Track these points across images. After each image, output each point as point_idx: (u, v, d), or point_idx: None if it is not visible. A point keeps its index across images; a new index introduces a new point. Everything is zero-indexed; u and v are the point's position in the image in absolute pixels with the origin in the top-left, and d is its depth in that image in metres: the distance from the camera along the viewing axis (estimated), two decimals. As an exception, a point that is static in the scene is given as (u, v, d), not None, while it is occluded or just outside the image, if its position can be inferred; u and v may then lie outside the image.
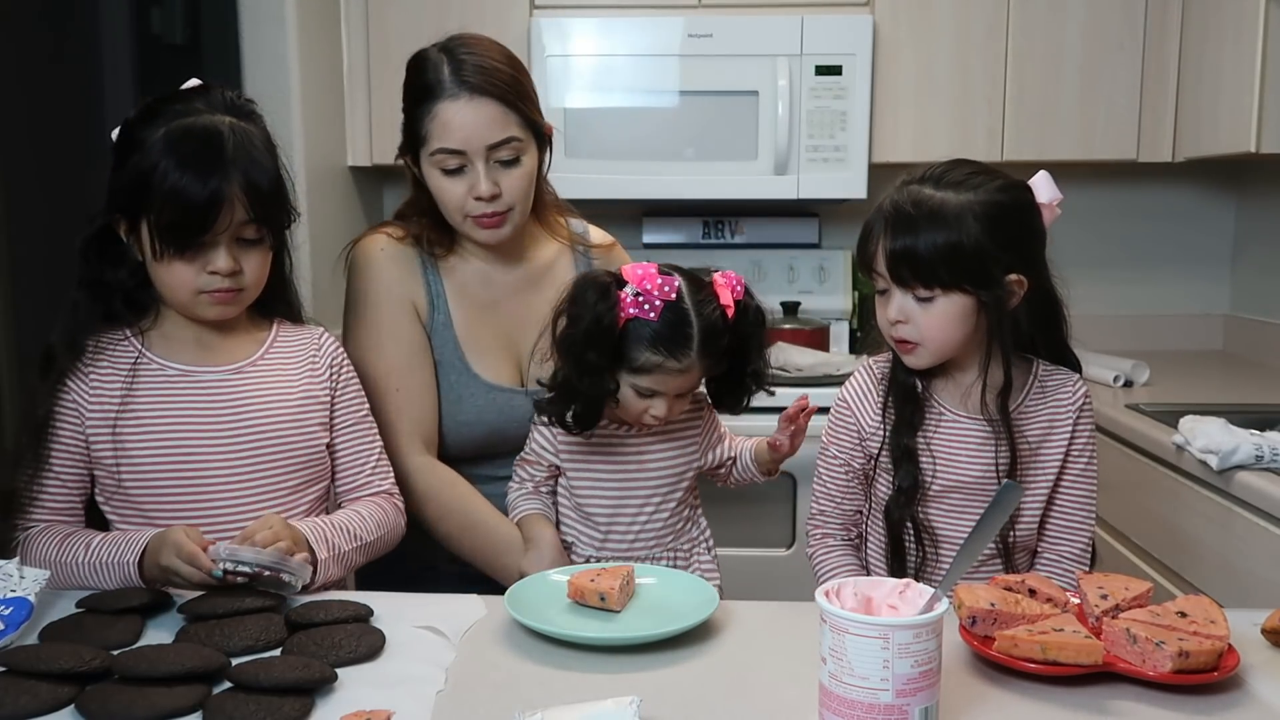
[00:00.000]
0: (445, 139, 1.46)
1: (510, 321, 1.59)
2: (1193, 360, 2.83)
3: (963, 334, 1.31)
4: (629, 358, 1.34)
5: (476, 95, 1.45)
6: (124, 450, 1.29)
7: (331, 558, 1.29)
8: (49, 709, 0.94)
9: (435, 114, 1.46)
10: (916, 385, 1.38)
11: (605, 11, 2.66)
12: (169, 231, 1.25)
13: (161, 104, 1.30)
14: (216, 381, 1.34)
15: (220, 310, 1.33)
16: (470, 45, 1.51)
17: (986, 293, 1.28)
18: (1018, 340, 1.36)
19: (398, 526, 1.43)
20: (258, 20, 2.37)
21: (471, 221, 1.51)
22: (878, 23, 2.63)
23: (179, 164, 1.24)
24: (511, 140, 1.47)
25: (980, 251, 1.26)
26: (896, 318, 1.32)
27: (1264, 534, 1.65)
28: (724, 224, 2.99)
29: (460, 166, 1.47)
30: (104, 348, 1.33)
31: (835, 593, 0.93)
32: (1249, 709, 0.97)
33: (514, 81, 1.49)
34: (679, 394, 1.39)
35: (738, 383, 1.44)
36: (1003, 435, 1.34)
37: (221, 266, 1.28)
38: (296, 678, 0.97)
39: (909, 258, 1.27)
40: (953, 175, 1.30)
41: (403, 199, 1.68)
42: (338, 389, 1.42)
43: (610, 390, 1.35)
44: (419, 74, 1.50)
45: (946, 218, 1.26)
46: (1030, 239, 1.33)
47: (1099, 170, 2.95)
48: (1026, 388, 1.38)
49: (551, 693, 1.00)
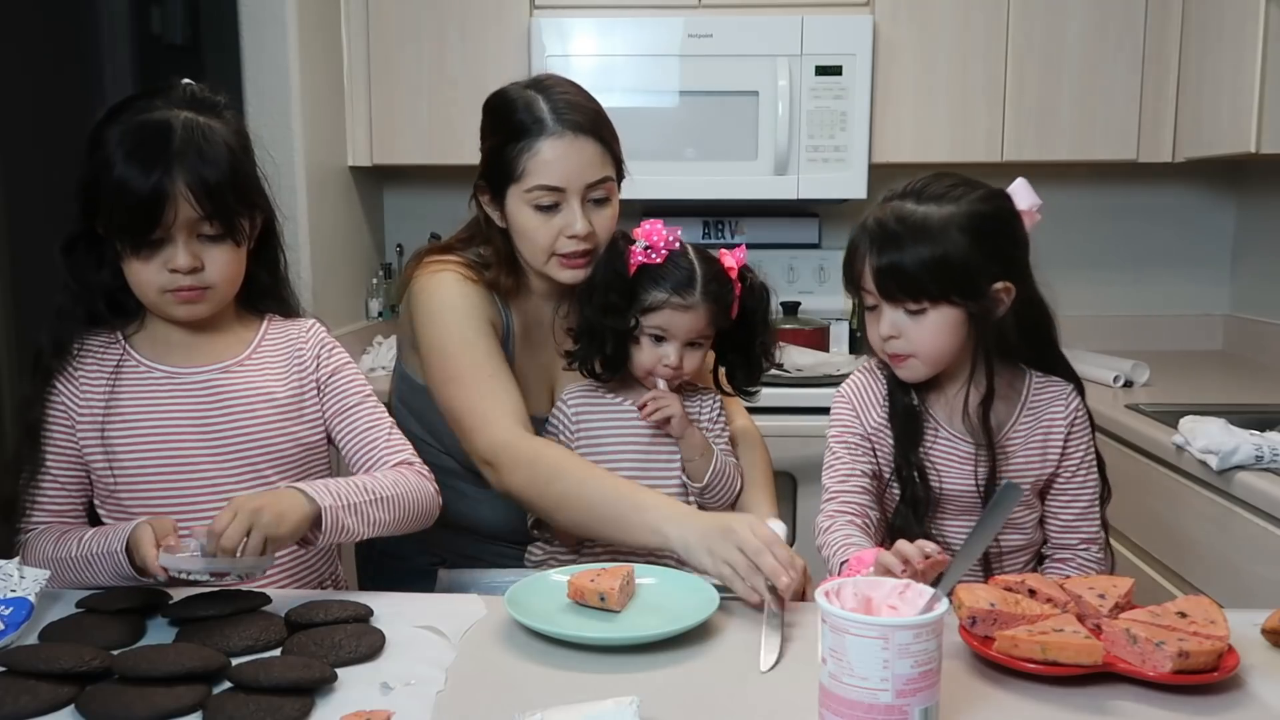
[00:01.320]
0: (546, 176, 1.45)
1: (550, 354, 1.60)
2: (1193, 360, 2.83)
3: (955, 344, 1.33)
4: (640, 300, 1.46)
5: (580, 134, 1.45)
6: (113, 453, 1.29)
7: (341, 507, 1.22)
8: (49, 709, 0.94)
9: (536, 151, 1.45)
10: (913, 401, 1.39)
11: (605, 11, 2.67)
12: (121, 230, 1.24)
13: (126, 103, 1.28)
14: (202, 382, 1.33)
15: (188, 310, 1.30)
16: (559, 84, 1.51)
17: (974, 303, 1.29)
18: (1008, 352, 1.36)
19: (424, 490, 1.35)
20: (258, 20, 2.37)
21: (558, 261, 1.50)
22: (878, 23, 2.63)
23: (124, 159, 1.22)
24: (606, 180, 1.49)
25: (966, 262, 1.28)
26: (889, 333, 1.33)
27: (1264, 534, 1.65)
28: (724, 224, 2.99)
29: (554, 204, 1.47)
30: (90, 350, 1.33)
31: (835, 593, 0.93)
32: (1249, 709, 0.97)
33: (606, 120, 1.51)
34: (688, 341, 1.48)
35: (748, 358, 1.54)
36: (984, 447, 1.35)
37: (180, 264, 1.25)
38: (296, 678, 0.97)
39: (896, 273, 1.29)
40: (933, 189, 1.31)
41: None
42: (325, 376, 1.39)
43: (630, 327, 1.46)
44: (509, 111, 1.48)
45: (931, 231, 1.27)
46: (1013, 246, 1.34)
47: (1099, 170, 2.95)
48: (1020, 404, 1.38)
49: (551, 693, 0.99)
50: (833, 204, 2.88)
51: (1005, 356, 1.37)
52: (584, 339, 1.50)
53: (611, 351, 1.48)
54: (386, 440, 1.38)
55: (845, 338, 2.90)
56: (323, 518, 1.21)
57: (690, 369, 1.51)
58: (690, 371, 1.52)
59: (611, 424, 1.53)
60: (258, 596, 1.18)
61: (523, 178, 1.46)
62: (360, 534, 1.26)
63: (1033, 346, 1.39)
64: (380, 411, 1.41)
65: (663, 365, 1.48)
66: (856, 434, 1.41)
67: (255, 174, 1.34)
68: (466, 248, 1.58)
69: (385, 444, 1.38)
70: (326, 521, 1.21)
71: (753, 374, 1.56)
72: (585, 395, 1.55)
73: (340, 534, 1.24)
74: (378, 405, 1.41)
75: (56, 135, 1.95)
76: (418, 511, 1.34)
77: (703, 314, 1.47)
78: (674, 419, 1.47)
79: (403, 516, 1.31)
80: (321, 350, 1.40)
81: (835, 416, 1.44)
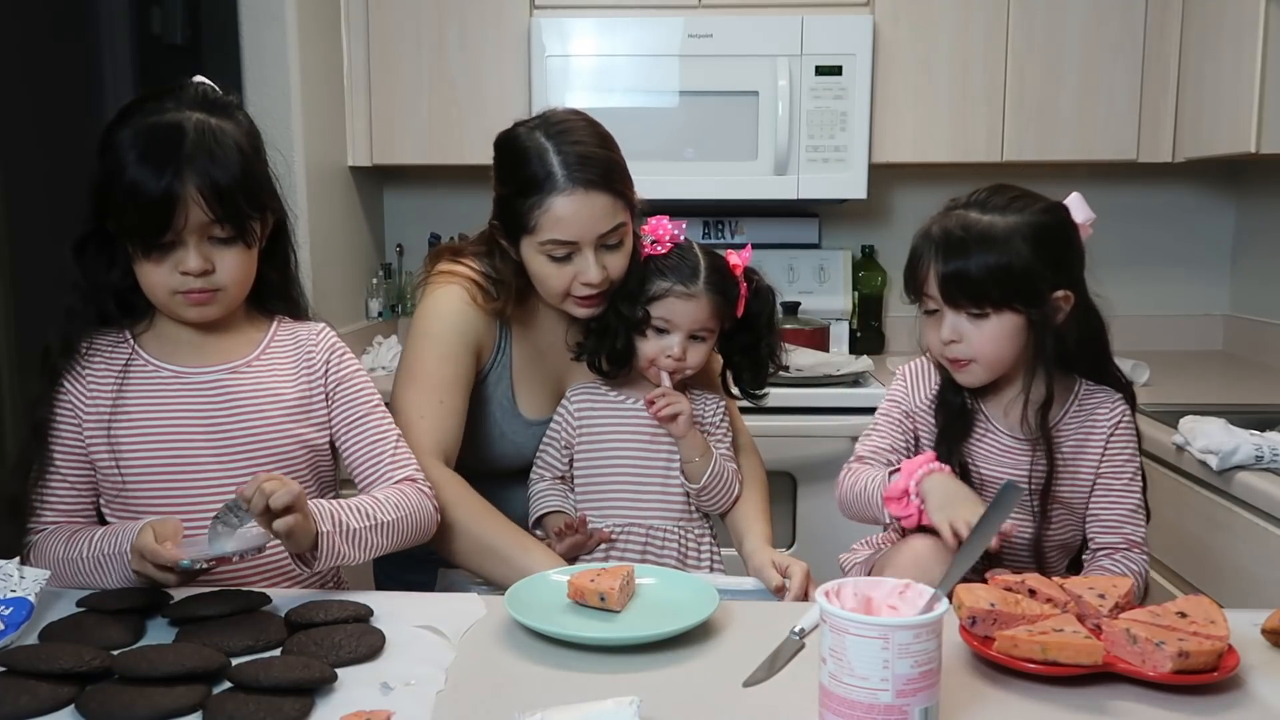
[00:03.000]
0: (558, 231, 1.45)
1: (558, 363, 1.62)
2: (1193, 360, 2.83)
3: (1014, 350, 1.37)
4: (645, 290, 1.49)
5: (592, 190, 1.45)
6: (119, 453, 1.29)
7: (338, 533, 1.23)
8: (49, 709, 0.94)
9: (548, 207, 1.45)
10: (966, 401, 1.43)
11: (605, 11, 2.66)
12: (132, 233, 1.24)
13: (137, 104, 1.28)
14: (210, 382, 1.32)
15: (198, 312, 1.30)
16: (569, 130, 1.48)
17: (1035, 310, 1.34)
18: (1062, 359, 1.40)
19: (424, 510, 1.35)
20: (258, 20, 2.37)
21: (573, 300, 1.51)
22: (878, 23, 2.63)
23: (136, 162, 1.22)
24: (619, 227, 1.49)
25: (1029, 271, 1.33)
26: (950, 337, 1.37)
27: (1264, 534, 1.65)
28: (724, 224, 2.99)
29: (568, 255, 1.48)
30: (99, 349, 1.33)
31: (835, 593, 0.93)
32: (1249, 709, 0.97)
33: (618, 166, 1.50)
34: (692, 333, 1.49)
35: (755, 359, 1.57)
36: (1040, 448, 1.38)
37: (191, 267, 1.25)
38: (296, 678, 0.97)
39: (961, 279, 1.34)
40: (996, 200, 1.37)
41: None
42: (334, 384, 1.38)
43: (638, 319, 1.49)
44: (522, 164, 1.47)
45: (996, 240, 1.33)
46: (1073, 256, 1.38)
47: (1099, 170, 2.95)
48: (1067, 406, 1.42)
49: (551, 693, 0.99)
50: (833, 204, 2.88)
51: (1061, 364, 1.40)
52: (594, 332, 1.53)
53: (620, 345, 1.51)
54: (392, 455, 1.38)
55: (845, 338, 2.90)
56: (319, 543, 1.22)
57: (694, 363, 1.52)
58: (694, 366, 1.53)
59: (614, 422, 1.54)
60: (258, 596, 1.18)
61: (536, 231, 1.47)
62: (357, 560, 1.28)
63: (1088, 354, 1.43)
64: (388, 422, 1.40)
65: (665, 356, 1.49)
66: (902, 409, 1.47)
67: (267, 174, 1.34)
68: (483, 259, 1.58)
69: (390, 459, 1.37)
70: (323, 547, 1.22)
71: (759, 376, 1.59)
72: (589, 393, 1.56)
73: (336, 559, 1.25)
74: (385, 415, 1.41)
75: (57, 135, 1.95)
76: (416, 534, 1.36)
77: (705, 304, 1.48)
78: (680, 417, 1.47)
79: (401, 542, 1.33)
80: (331, 355, 1.39)
81: (890, 390, 1.50)
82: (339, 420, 1.38)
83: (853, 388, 2.44)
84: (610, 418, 1.55)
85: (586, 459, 1.55)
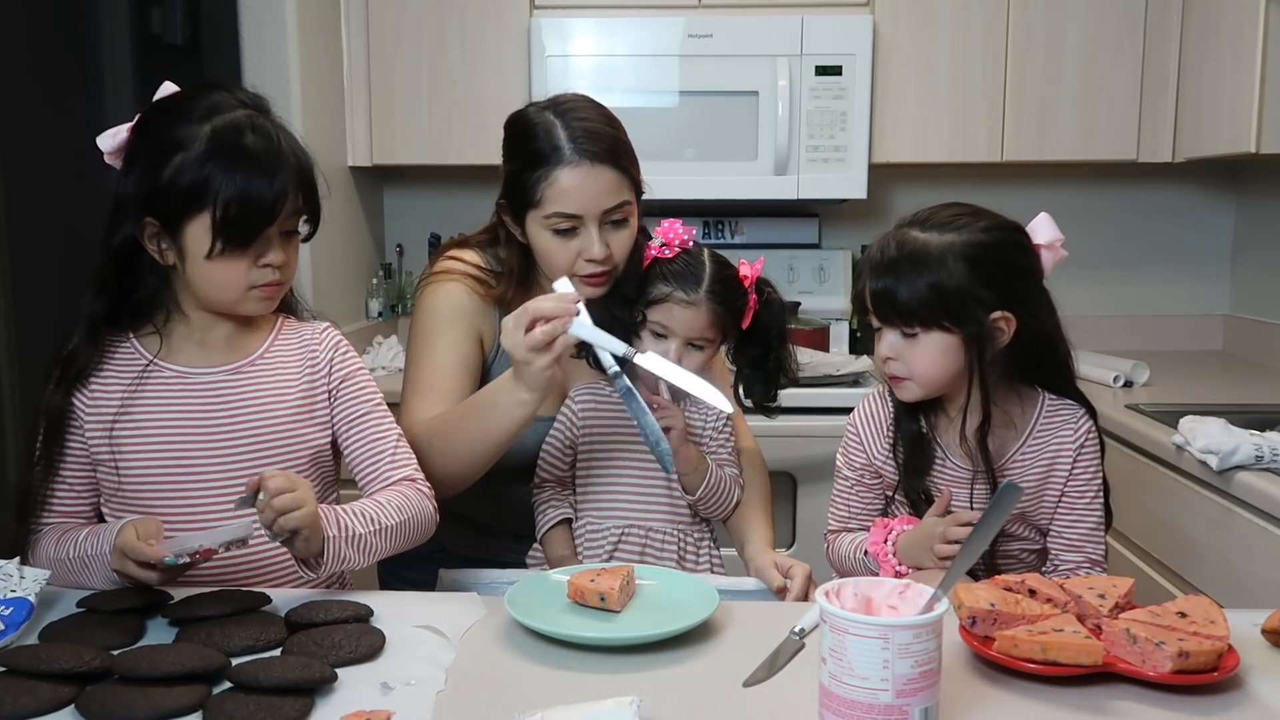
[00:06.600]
0: (563, 204, 1.47)
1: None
2: (1193, 360, 2.83)
3: (951, 369, 1.35)
4: (647, 292, 1.48)
5: (597, 163, 1.46)
6: (121, 453, 1.29)
7: (343, 538, 1.23)
8: (49, 709, 0.94)
9: (554, 180, 1.46)
10: (922, 427, 1.42)
11: (605, 11, 2.67)
12: (233, 227, 1.24)
13: (180, 103, 1.28)
14: (214, 383, 1.33)
15: (266, 305, 1.32)
16: (577, 108, 1.51)
17: (966, 330, 1.32)
18: (1021, 376, 1.39)
19: (424, 511, 1.36)
20: (258, 20, 2.37)
21: (578, 280, 1.51)
22: (878, 23, 2.63)
23: (243, 160, 1.23)
24: (623, 204, 1.50)
25: (960, 291, 1.30)
26: (887, 354, 1.36)
27: (1264, 534, 1.65)
28: (724, 224, 2.99)
29: (572, 229, 1.49)
30: (105, 350, 1.32)
31: (835, 593, 0.93)
32: (1249, 709, 0.97)
33: (624, 145, 1.52)
34: (690, 341, 1.48)
35: (765, 372, 1.55)
36: (981, 471, 1.38)
37: (275, 259, 1.28)
38: (296, 678, 0.97)
39: (890, 298, 1.33)
40: (940, 216, 1.35)
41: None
42: (338, 381, 1.38)
43: (638, 321, 1.48)
44: (529, 138, 1.49)
45: (928, 259, 1.31)
46: (1017, 277, 1.35)
47: (1099, 170, 2.95)
48: (1027, 430, 1.40)
49: (551, 693, 0.99)
50: (833, 204, 2.88)
51: (1013, 381, 1.39)
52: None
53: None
54: (392, 454, 1.38)
55: (845, 338, 2.90)
56: (324, 548, 1.22)
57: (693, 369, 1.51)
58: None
59: (616, 423, 1.53)
60: (258, 596, 1.18)
61: (541, 204, 1.48)
62: (361, 564, 1.28)
63: (1037, 376, 1.41)
64: (389, 422, 1.40)
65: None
66: (860, 464, 1.47)
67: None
68: (486, 248, 1.61)
69: (390, 459, 1.38)
70: (329, 553, 1.22)
71: (769, 389, 1.57)
72: (592, 394, 1.55)
73: (341, 564, 1.25)
74: (386, 415, 1.41)
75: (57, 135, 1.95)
76: (417, 535, 1.36)
77: (705, 313, 1.47)
78: (673, 432, 1.46)
79: (403, 544, 1.33)
80: (335, 354, 1.40)
81: (844, 445, 1.50)
82: (341, 418, 1.38)
83: (853, 388, 2.45)
84: (612, 420, 1.54)
85: (589, 459, 1.55)
